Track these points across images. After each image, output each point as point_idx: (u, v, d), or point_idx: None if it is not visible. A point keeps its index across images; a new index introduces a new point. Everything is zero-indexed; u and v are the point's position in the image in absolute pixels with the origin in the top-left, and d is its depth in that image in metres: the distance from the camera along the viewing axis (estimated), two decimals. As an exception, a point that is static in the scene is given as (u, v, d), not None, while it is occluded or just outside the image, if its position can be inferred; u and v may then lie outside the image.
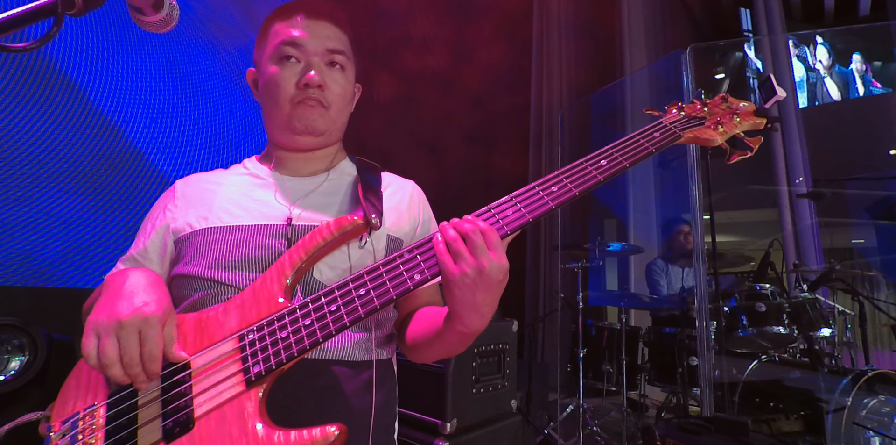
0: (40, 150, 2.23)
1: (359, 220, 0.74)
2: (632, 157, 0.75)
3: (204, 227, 0.82)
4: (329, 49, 0.86)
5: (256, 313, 0.70)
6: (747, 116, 0.84)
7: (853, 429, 2.05)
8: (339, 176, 0.93)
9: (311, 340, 0.65)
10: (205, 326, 0.70)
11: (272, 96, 0.85)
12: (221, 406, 0.63)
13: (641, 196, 4.88)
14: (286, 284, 0.71)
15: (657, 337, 3.04)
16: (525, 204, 0.70)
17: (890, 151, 5.38)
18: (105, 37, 2.45)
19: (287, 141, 0.89)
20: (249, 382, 0.64)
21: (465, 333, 0.71)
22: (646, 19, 5.31)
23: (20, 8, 0.51)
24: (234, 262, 0.78)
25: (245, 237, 0.80)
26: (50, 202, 2.22)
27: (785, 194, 4.68)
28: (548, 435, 2.83)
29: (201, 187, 0.89)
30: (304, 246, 0.74)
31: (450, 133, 4.81)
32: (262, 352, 0.65)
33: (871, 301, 2.96)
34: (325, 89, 0.85)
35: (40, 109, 2.24)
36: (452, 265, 0.64)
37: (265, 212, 0.83)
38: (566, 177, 0.72)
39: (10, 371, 1.75)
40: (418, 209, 0.95)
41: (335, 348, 0.77)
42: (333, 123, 0.89)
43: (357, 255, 0.81)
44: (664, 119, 0.81)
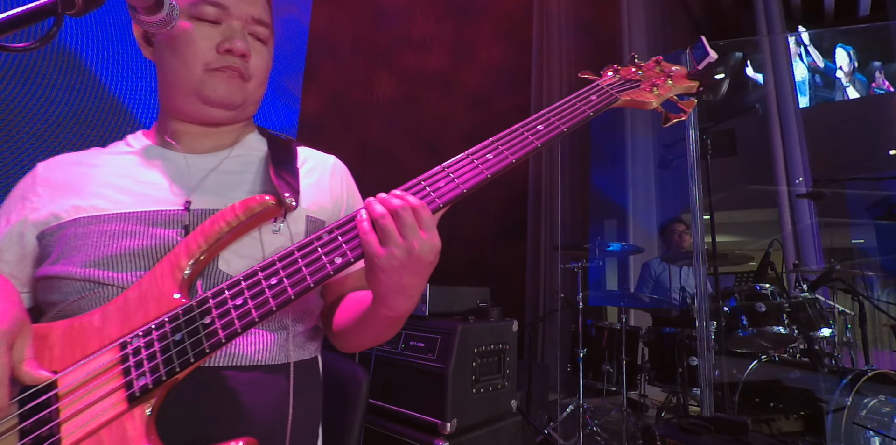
0: (38, 148, 2.23)
1: (270, 200, 0.65)
2: (569, 120, 0.72)
3: (75, 217, 0.68)
4: (254, 17, 0.76)
5: (143, 315, 0.58)
6: (680, 80, 0.84)
7: (853, 429, 2.05)
8: (245, 152, 0.81)
9: (212, 341, 0.55)
10: (77, 335, 0.58)
11: (179, 56, 0.72)
12: (97, 430, 0.52)
13: (641, 196, 4.88)
14: (182, 278, 0.61)
15: (657, 337, 3.04)
16: (458, 174, 0.64)
17: (890, 151, 5.38)
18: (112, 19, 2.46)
19: (190, 110, 0.75)
20: (133, 398, 0.53)
21: (391, 317, 0.66)
22: (646, 19, 5.32)
23: (20, 8, 0.51)
24: (116, 257, 0.65)
25: (130, 227, 0.67)
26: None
27: (785, 194, 4.69)
28: (548, 435, 2.83)
29: (70, 169, 0.74)
30: (203, 233, 0.63)
31: (450, 133, 4.80)
32: (150, 361, 0.55)
33: (871, 301, 2.96)
34: (247, 60, 0.75)
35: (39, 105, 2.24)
36: (378, 247, 0.57)
37: (155, 196, 0.70)
38: (502, 144, 0.68)
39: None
40: (341, 187, 0.85)
41: (245, 351, 0.66)
42: (251, 96, 0.78)
43: (271, 241, 0.71)
44: (600, 82, 0.79)
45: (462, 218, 4.21)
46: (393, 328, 0.72)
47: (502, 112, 5.05)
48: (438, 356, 1.75)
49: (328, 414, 1.15)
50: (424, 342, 1.80)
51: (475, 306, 2.09)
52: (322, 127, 3.58)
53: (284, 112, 3.13)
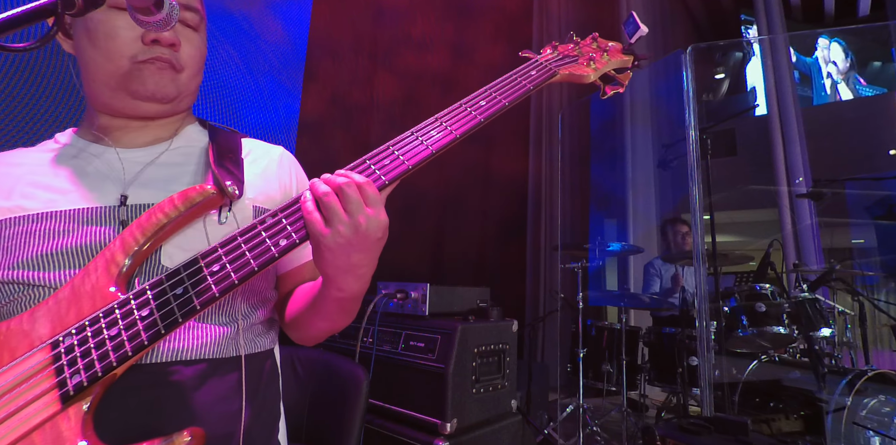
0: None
1: (211, 189, 0.63)
2: (510, 95, 0.73)
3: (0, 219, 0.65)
4: (182, 3, 0.71)
5: (76, 313, 0.55)
6: (615, 54, 0.87)
7: (853, 429, 2.05)
8: (185, 144, 0.77)
9: (150, 333, 0.53)
10: (4, 340, 0.55)
11: (101, 49, 0.67)
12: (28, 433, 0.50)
13: (641, 196, 4.89)
14: (118, 273, 0.58)
15: (657, 337, 3.04)
16: (403, 151, 0.65)
17: (890, 151, 5.38)
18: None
19: (120, 106, 0.71)
20: (66, 397, 0.51)
21: (342, 298, 0.64)
22: (646, 19, 5.31)
23: (20, 8, 0.51)
24: (46, 257, 0.62)
25: (60, 226, 0.64)
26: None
27: (785, 194, 4.69)
28: (548, 435, 2.83)
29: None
30: (140, 226, 0.60)
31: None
32: (84, 358, 0.52)
33: (872, 301, 2.96)
34: (177, 49, 0.70)
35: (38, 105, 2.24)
36: (322, 225, 0.56)
37: (87, 193, 0.67)
38: (445, 120, 0.68)
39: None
40: (290, 176, 0.82)
41: (191, 344, 0.63)
42: (186, 88, 0.74)
43: (216, 232, 0.67)
44: (539, 58, 0.81)
45: (462, 218, 4.21)
46: (345, 313, 0.70)
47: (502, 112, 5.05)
48: (438, 356, 1.75)
49: (328, 414, 1.15)
50: (424, 342, 1.80)
51: (475, 306, 2.09)
52: (322, 127, 3.58)
53: (284, 112, 3.13)
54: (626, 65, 0.88)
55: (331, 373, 0.97)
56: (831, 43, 7.43)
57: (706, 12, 7.57)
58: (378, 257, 0.62)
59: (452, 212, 4.04)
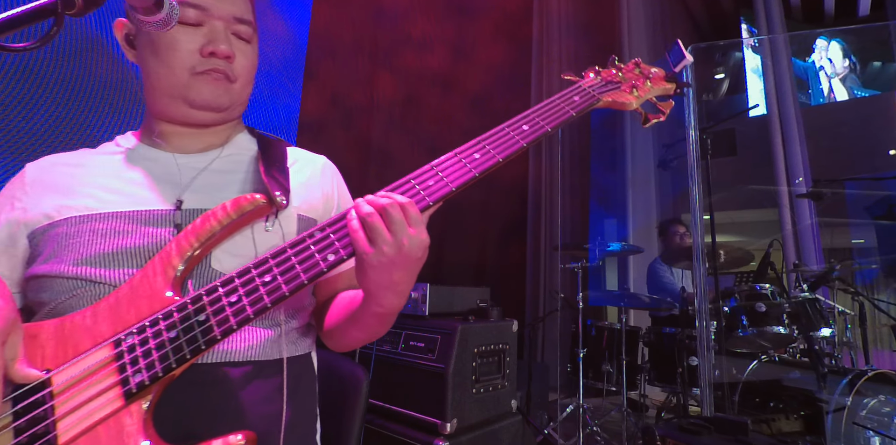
0: (39, 147, 2.23)
1: (261, 199, 0.66)
2: (553, 121, 0.74)
3: (66, 216, 0.68)
4: (236, 17, 0.74)
5: (136, 313, 0.58)
6: (658, 81, 0.86)
7: (853, 429, 2.05)
8: (236, 151, 0.81)
9: (208, 338, 0.55)
10: (69, 334, 0.58)
11: (163, 61, 0.71)
12: (94, 427, 0.53)
13: (641, 196, 4.88)
14: (174, 276, 0.61)
15: (657, 337, 3.04)
16: (447, 173, 0.66)
17: (890, 151, 5.38)
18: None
19: (177, 114, 0.75)
20: (129, 394, 0.54)
21: (382, 313, 0.67)
22: (646, 19, 5.32)
23: (20, 8, 0.51)
24: (108, 255, 0.65)
25: (121, 226, 0.67)
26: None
27: (785, 194, 4.69)
28: (548, 435, 2.83)
29: (58, 170, 0.75)
30: (194, 231, 0.63)
31: (450, 133, 4.80)
32: (145, 358, 0.55)
33: (872, 301, 2.96)
34: (232, 61, 0.74)
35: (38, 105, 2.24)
36: (367, 244, 0.58)
37: (146, 195, 0.71)
38: (489, 143, 0.70)
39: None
40: (332, 186, 0.85)
41: (237, 347, 0.67)
42: (239, 97, 0.78)
43: (264, 239, 0.70)
44: (582, 83, 0.80)
45: (462, 218, 4.21)
46: (383, 326, 0.73)
47: (502, 112, 5.03)
48: (438, 356, 1.75)
49: (328, 414, 1.15)
50: (424, 342, 1.80)
51: (475, 306, 2.09)
52: (322, 127, 3.58)
53: (285, 112, 3.13)
54: (669, 92, 0.87)
55: (330, 373, 0.97)
56: (830, 43, 7.43)
57: (706, 12, 7.57)
58: (417, 274, 0.64)
59: (452, 212, 4.04)
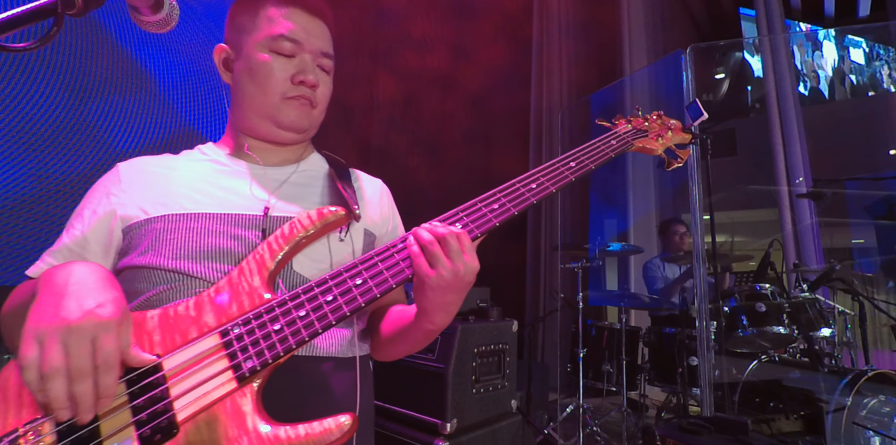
0: (39, 148, 2.22)
1: (341, 211, 0.72)
2: (596, 160, 0.85)
3: (163, 213, 0.74)
4: (322, 51, 0.84)
5: (238, 307, 0.65)
6: (677, 132, 1.00)
7: (853, 429, 2.05)
8: (311, 168, 0.90)
9: (309, 331, 0.62)
10: (174, 323, 0.63)
11: (259, 85, 0.81)
12: (210, 406, 0.58)
13: (641, 196, 4.88)
14: (267, 276, 0.67)
15: (657, 337, 3.04)
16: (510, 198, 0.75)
17: (890, 151, 5.38)
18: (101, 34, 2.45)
19: (264, 132, 0.84)
20: (242, 378, 0.60)
21: (431, 330, 0.74)
22: (646, 19, 5.31)
23: (20, 8, 0.51)
24: (203, 252, 0.72)
25: (214, 226, 0.74)
26: (49, 200, 2.22)
27: (785, 194, 4.68)
28: (548, 435, 2.83)
29: (150, 170, 0.82)
30: (284, 237, 0.70)
31: (450, 133, 4.80)
32: (254, 346, 0.61)
33: (872, 301, 2.96)
34: (316, 89, 0.84)
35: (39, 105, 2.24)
36: (428, 268, 0.65)
37: (235, 201, 0.78)
38: (543, 176, 0.80)
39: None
40: (389, 206, 0.95)
41: (320, 343, 0.74)
42: (317, 120, 0.88)
43: (338, 248, 0.78)
44: (619, 130, 0.93)
45: (462, 218, 4.19)
46: (427, 341, 0.80)
47: (502, 112, 5.05)
48: (438, 356, 1.75)
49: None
50: (424, 342, 1.80)
51: (475, 306, 2.09)
52: (322, 127, 3.57)
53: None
54: (685, 142, 1.01)
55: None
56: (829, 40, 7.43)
57: (706, 12, 7.57)
58: (465, 296, 0.71)
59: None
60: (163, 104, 2.65)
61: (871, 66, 7.42)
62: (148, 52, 2.62)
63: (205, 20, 2.90)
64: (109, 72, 2.45)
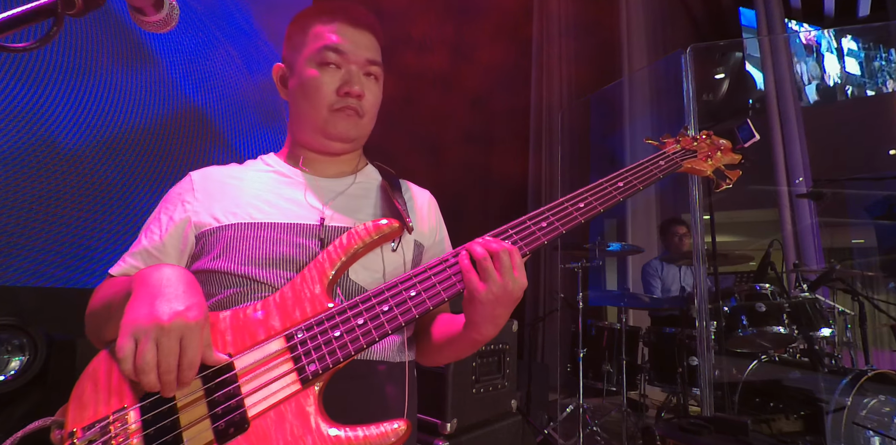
0: (40, 148, 2.23)
1: (395, 223, 0.76)
2: (644, 181, 0.87)
3: (233, 222, 0.80)
4: (369, 59, 0.86)
5: (301, 312, 0.69)
6: (727, 152, 0.99)
7: (853, 429, 2.05)
8: (366, 180, 0.94)
9: (368, 339, 0.66)
10: (244, 325, 0.69)
11: (309, 99, 0.85)
12: (277, 405, 0.63)
13: (641, 196, 4.88)
14: (326, 284, 0.72)
15: (657, 337, 3.04)
16: (558, 217, 0.77)
17: (890, 151, 5.38)
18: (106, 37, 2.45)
19: (316, 144, 0.89)
20: (306, 380, 0.64)
21: (478, 340, 0.77)
22: (646, 19, 5.31)
23: (20, 8, 0.51)
24: (269, 259, 0.77)
25: (279, 235, 0.79)
26: (50, 201, 2.22)
27: (785, 194, 4.68)
28: (548, 435, 2.83)
29: (222, 180, 0.87)
30: (343, 247, 0.74)
31: (450, 133, 4.80)
32: (316, 351, 0.66)
33: (872, 301, 2.95)
34: (362, 99, 0.86)
35: (40, 104, 2.24)
36: (479, 282, 0.68)
37: (296, 211, 0.82)
38: (591, 195, 0.81)
39: (10, 371, 1.75)
40: (436, 218, 0.99)
41: (376, 348, 0.78)
42: (365, 129, 0.90)
43: (390, 259, 0.83)
44: (668, 150, 0.94)
45: (462, 218, 4.21)
46: (473, 350, 0.83)
47: (502, 112, 5.05)
48: (438, 356, 1.75)
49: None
50: (424, 342, 1.81)
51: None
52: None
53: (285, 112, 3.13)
54: (735, 162, 0.99)
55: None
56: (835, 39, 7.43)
57: (706, 12, 7.57)
58: (512, 311, 0.73)
59: (452, 212, 4.03)
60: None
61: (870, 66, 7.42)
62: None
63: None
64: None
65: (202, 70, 2.83)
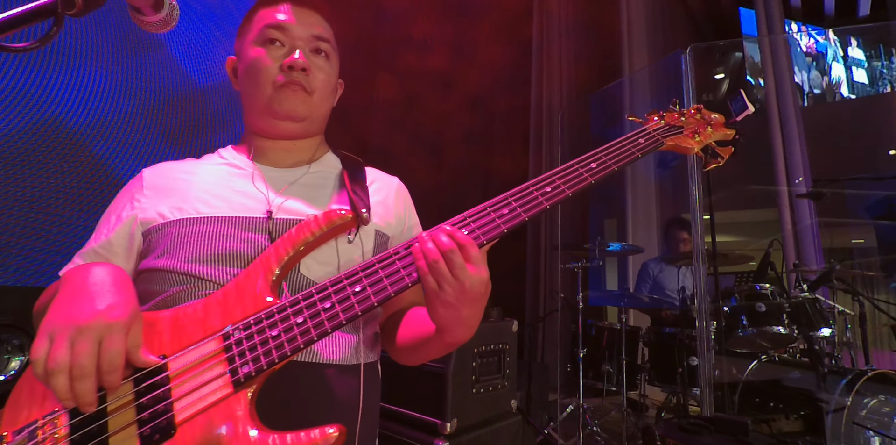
0: (36, 145, 2.23)
1: (348, 214, 0.72)
2: (620, 160, 0.77)
3: (178, 218, 0.76)
4: (315, 35, 0.83)
5: (241, 310, 0.66)
6: (719, 127, 0.91)
7: (853, 429, 2.05)
8: (323, 168, 0.89)
9: (305, 339, 0.62)
10: (182, 324, 0.65)
11: (253, 79, 0.82)
12: (206, 409, 0.59)
13: (641, 196, 4.88)
14: (272, 280, 0.68)
15: (657, 337, 3.04)
16: (521, 203, 0.69)
17: (890, 151, 5.38)
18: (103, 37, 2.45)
19: (266, 126, 0.85)
20: (238, 383, 0.60)
21: (452, 343, 0.72)
22: (646, 19, 5.31)
23: (20, 8, 0.51)
24: (214, 255, 0.73)
25: (225, 230, 0.75)
26: (50, 200, 2.22)
27: (785, 194, 4.68)
28: (548, 435, 2.83)
29: (173, 176, 0.83)
30: (290, 240, 0.70)
31: (450, 133, 4.80)
32: (251, 352, 0.62)
33: (872, 301, 2.95)
34: (309, 73, 0.82)
35: (39, 104, 2.24)
36: (434, 284, 0.63)
37: (246, 204, 0.79)
38: (559, 178, 0.73)
39: (10, 371, 1.75)
40: (404, 205, 0.93)
41: (321, 350, 0.74)
42: (316, 109, 0.86)
43: (346, 251, 0.78)
44: (648, 126, 0.85)
45: (462, 218, 4.19)
46: (449, 350, 0.78)
47: (502, 112, 5.05)
48: (438, 356, 1.75)
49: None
50: (424, 342, 1.80)
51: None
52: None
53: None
54: (728, 138, 0.91)
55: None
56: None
57: (706, 12, 7.57)
58: (484, 307, 0.69)
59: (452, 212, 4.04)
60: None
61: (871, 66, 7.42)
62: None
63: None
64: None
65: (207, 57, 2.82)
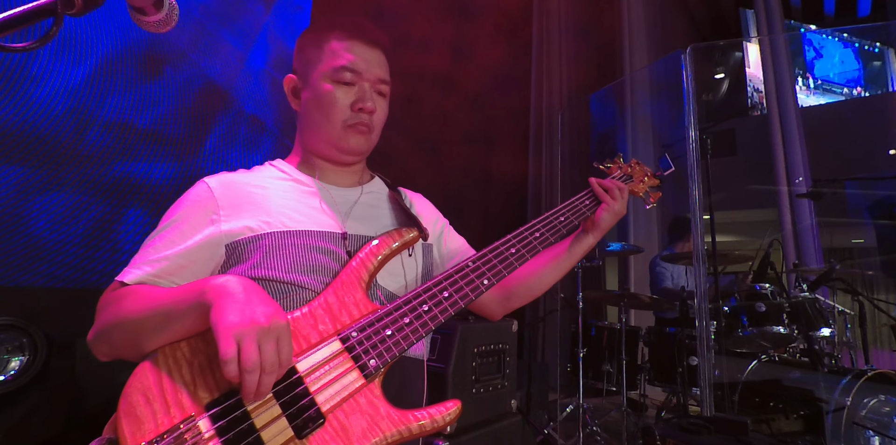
0: (38, 147, 2.22)
1: (415, 233, 0.87)
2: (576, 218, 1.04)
3: (269, 231, 0.82)
4: (380, 78, 0.93)
5: (348, 315, 0.77)
6: (651, 179, 1.25)
7: (853, 429, 2.05)
8: (376, 190, 1.01)
9: (416, 336, 0.76)
10: (297, 329, 0.74)
11: (324, 113, 0.90)
12: (347, 399, 0.70)
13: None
14: (366, 288, 0.80)
15: (657, 337, 3.04)
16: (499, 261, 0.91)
17: (890, 151, 5.39)
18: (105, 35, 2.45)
19: (329, 154, 0.94)
20: (369, 375, 0.72)
21: (592, 245, 1.05)
22: (646, 19, 5.32)
23: (20, 8, 0.51)
24: (308, 266, 0.81)
25: (313, 242, 0.83)
26: (51, 200, 2.22)
27: (785, 193, 4.68)
28: (548, 435, 2.83)
29: (244, 189, 0.87)
30: (373, 253, 0.82)
31: (450, 133, 4.80)
32: (374, 349, 0.74)
33: (872, 301, 2.96)
34: (373, 115, 0.92)
35: (39, 104, 2.23)
36: (612, 201, 1.02)
37: (322, 219, 0.87)
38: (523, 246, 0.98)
39: (9, 371, 1.75)
40: (435, 218, 1.08)
41: None
42: (373, 143, 0.97)
43: (409, 263, 0.92)
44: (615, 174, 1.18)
45: (462, 218, 4.20)
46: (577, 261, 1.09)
47: (502, 112, 5.04)
48: (438, 356, 1.75)
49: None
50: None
51: (475, 306, 2.08)
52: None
53: (286, 112, 3.13)
54: (655, 184, 1.25)
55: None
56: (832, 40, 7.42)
57: (706, 12, 7.57)
58: None
59: (452, 212, 4.03)
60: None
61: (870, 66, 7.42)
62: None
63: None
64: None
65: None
